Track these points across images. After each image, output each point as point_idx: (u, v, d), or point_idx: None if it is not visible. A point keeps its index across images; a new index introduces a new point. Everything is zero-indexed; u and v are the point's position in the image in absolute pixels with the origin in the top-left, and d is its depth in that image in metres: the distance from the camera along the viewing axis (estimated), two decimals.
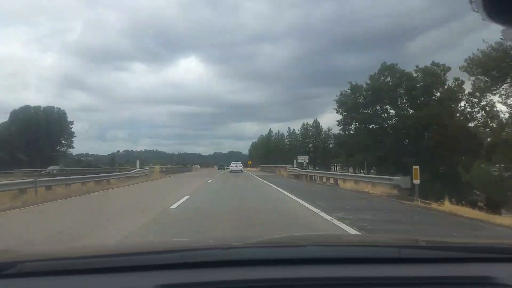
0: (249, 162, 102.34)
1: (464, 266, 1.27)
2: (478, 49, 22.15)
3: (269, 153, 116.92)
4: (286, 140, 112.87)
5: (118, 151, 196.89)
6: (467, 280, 1.17)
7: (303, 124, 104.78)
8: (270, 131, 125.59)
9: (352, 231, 6.47)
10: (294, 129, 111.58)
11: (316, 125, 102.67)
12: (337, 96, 40.68)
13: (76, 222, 7.77)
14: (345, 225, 7.01)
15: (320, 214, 8.55)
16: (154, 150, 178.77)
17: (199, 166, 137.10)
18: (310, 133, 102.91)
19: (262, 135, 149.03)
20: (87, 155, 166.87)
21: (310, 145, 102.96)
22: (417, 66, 36.36)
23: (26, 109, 64.49)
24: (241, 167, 43.68)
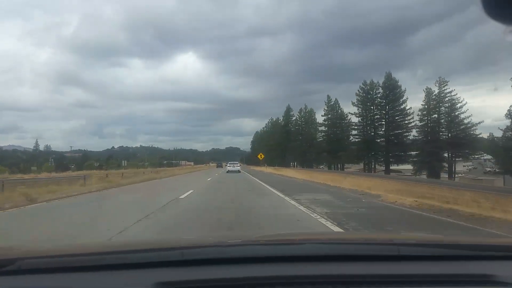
0: (260, 156, 53.05)
1: (463, 264, 1.27)
2: None
3: (289, 144, 68.05)
4: (323, 117, 62.78)
5: (113, 147, 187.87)
6: (467, 278, 1.16)
7: (364, 82, 54.35)
8: (289, 108, 76.04)
9: None
10: (336, 99, 61.51)
11: (392, 84, 52.16)
12: None
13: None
14: None
15: None
16: (151, 146, 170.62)
17: (193, 163, 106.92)
18: (378, 98, 52.97)
19: (273, 119, 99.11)
20: (80, 151, 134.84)
21: (378, 123, 53.30)
22: None
23: None
24: (238, 167, 43.42)
